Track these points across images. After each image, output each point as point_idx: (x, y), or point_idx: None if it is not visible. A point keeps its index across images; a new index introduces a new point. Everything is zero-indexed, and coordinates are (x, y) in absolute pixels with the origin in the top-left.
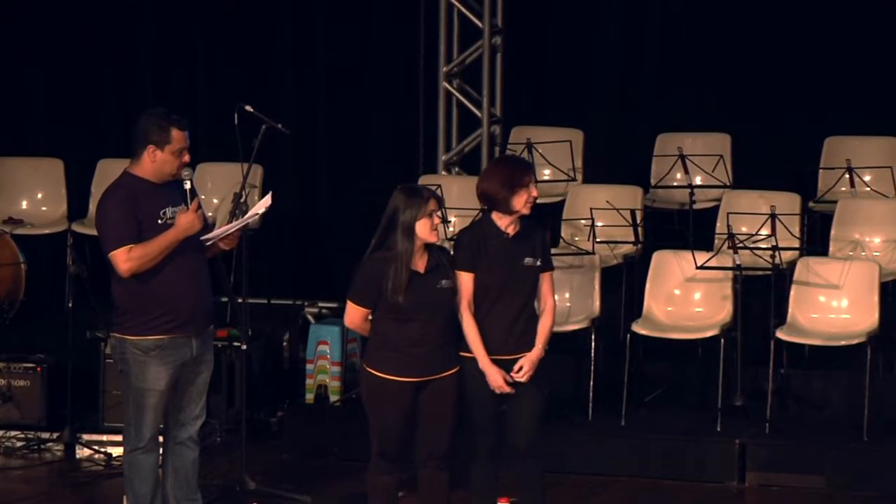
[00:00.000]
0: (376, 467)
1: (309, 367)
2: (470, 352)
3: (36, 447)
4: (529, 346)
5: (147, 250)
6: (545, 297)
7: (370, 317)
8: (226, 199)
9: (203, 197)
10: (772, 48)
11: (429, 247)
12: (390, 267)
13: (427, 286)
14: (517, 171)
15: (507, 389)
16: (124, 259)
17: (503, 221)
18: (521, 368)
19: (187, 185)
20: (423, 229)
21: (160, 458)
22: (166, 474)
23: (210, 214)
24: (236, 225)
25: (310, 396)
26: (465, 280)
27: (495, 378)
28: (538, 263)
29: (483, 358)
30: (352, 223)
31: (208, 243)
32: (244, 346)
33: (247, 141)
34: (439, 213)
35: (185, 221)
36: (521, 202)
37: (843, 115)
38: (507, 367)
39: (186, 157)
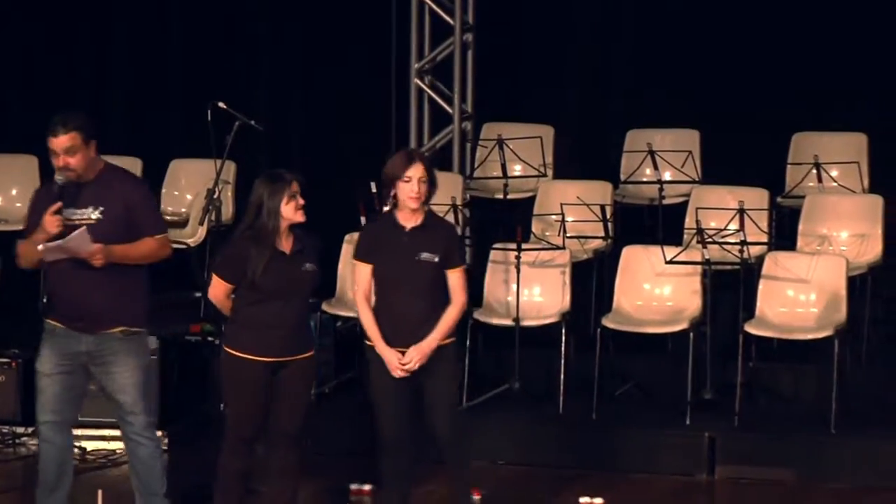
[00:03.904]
0: (230, 451)
1: None
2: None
3: (10, 441)
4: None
5: (21, 249)
6: (454, 293)
7: (232, 295)
8: (199, 195)
9: (177, 193)
10: (740, 45)
11: (295, 230)
12: (254, 246)
13: (289, 268)
14: (396, 164)
15: (404, 372)
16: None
17: (402, 214)
18: (411, 358)
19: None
20: (289, 211)
21: (69, 445)
22: (129, 468)
23: (183, 210)
24: (57, 244)
25: None
26: (361, 270)
27: (391, 360)
28: (436, 259)
29: (378, 342)
30: (324, 219)
31: (49, 258)
32: (217, 341)
33: (220, 137)
34: (300, 193)
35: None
36: (403, 194)
37: (811, 111)
38: None
39: (55, 161)
